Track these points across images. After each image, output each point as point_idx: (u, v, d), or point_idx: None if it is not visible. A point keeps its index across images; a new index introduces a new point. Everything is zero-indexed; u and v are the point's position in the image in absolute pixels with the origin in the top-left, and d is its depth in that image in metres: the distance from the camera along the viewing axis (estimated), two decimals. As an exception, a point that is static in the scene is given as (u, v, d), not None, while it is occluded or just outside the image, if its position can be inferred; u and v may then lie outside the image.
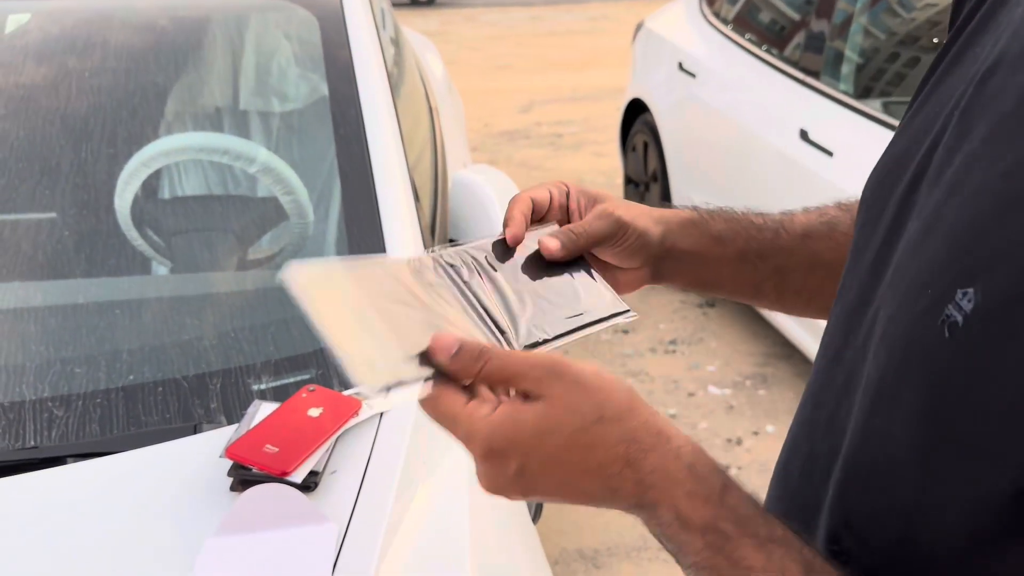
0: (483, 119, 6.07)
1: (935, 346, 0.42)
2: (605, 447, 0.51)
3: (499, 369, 0.52)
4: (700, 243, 0.72)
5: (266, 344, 1.23)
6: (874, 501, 0.47)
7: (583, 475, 0.51)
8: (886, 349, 0.47)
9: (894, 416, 0.45)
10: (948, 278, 0.42)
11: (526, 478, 0.52)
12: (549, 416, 0.51)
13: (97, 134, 1.64)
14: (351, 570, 0.90)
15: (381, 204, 1.45)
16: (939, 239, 0.44)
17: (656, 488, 0.50)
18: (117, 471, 1.03)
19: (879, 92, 2.69)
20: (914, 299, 0.45)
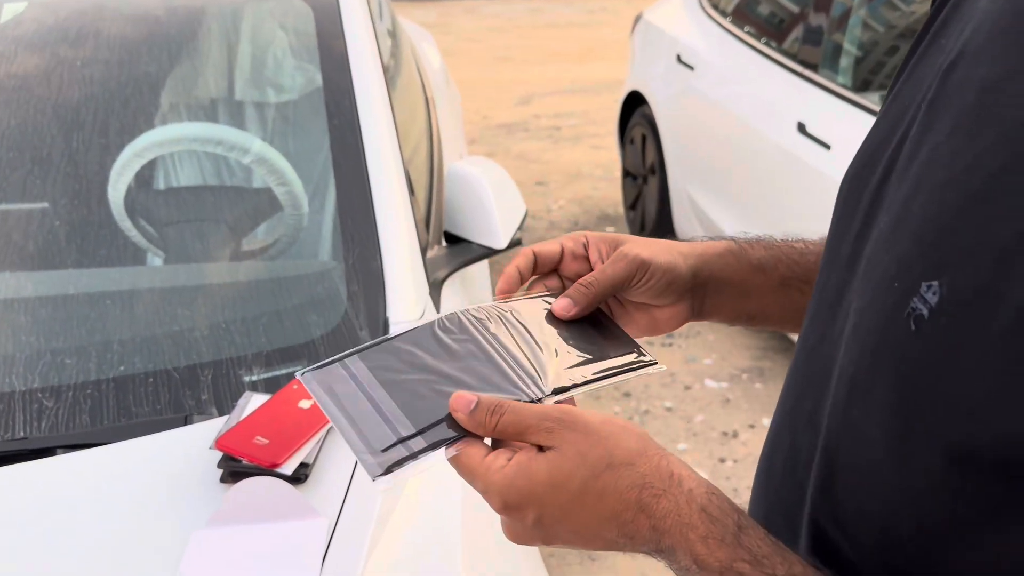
0: (482, 111, 6.05)
1: (903, 340, 0.42)
2: (617, 493, 0.51)
3: (513, 423, 0.53)
4: (739, 273, 0.70)
5: (258, 336, 1.23)
6: (855, 494, 0.47)
7: (599, 523, 0.52)
8: (858, 343, 0.47)
9: (869, 409, 0.45)
10: (915, 272, 0.43)
11: (544, 528, 0.53)
12: (560, 467, 0.52)
13: (90, 124, 1.64)
14: (340, 563, 0.90)
15: (375, 196, 1.44)
16: (906, 234, 0.45)
17: (670, 533, 0.50)
18: (107, 462, 1.02)
19: (877, 85, 2.69)
20: (883, 293, 0.45)
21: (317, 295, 1.33)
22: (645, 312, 0.70)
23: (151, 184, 1.80)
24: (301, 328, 1.25)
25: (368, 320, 1.26)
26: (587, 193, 4.68)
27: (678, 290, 0.69)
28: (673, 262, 0.68)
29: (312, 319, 1.27)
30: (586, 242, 0.70)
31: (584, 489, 0.51)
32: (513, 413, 0.54)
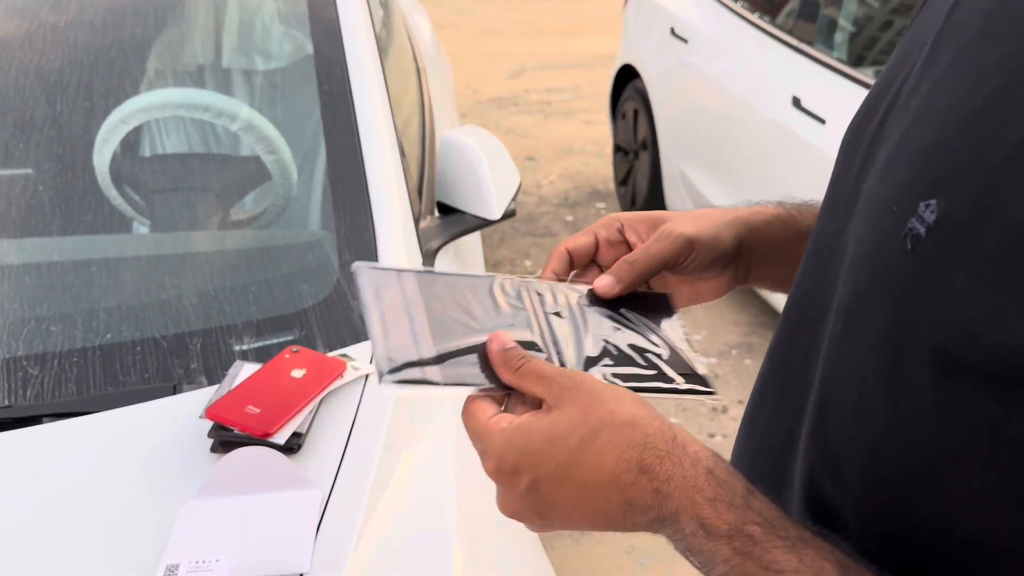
0: (472, 85, 5.99)
1: (898, 261, 0.42)
2: (617, 452, 0.49)
3: (534, 369, 0.53)
4: (787, 241, 0.68)
5: (248, 304, 1.21)
6: (846, 431, 0.46)
7: (597, 488, 0.49)
8: (854, 272, 0.46)
9: (862, 337, 0.44)
10: (912, 194, 0.42)
11: (538, 495, 0.50)
12: (559, 423, 0.50)
13: (75, 89, 1.60)
14: (334, 534, 0.88)
15: (367, 164, 1.41)
16: (904, 161, 0.45)
17: (674, 497, 0.48)
18: (94, 431, 1.00)
19: (872, 60, 2.67)
20: (880, 220, 0.45)
21: (308, 264, 1.31)
22: (688, 283, 0.68)
23: (137, 151, 1.77)
24: (292, 297, 1.23)
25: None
26: (578, 168, 4.65)
27: (723, 262, 0.67)
28: (718, 235, 0.66)
29: (303, 288, 1.24)
30: (621, 226, 0.67)
31: (582, 448, 0.49)
32: (538, 363, 0.54)
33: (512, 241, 3.85)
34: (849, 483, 0.46)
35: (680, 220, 0.67)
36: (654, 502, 0.48)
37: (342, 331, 1.17)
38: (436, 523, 0.97)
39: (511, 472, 0.51)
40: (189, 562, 0.84)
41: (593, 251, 0.67)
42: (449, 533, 0.96)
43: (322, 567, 0.84)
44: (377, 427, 1.01)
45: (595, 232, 0.67)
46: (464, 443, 1.12)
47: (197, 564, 0.84)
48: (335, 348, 1.14)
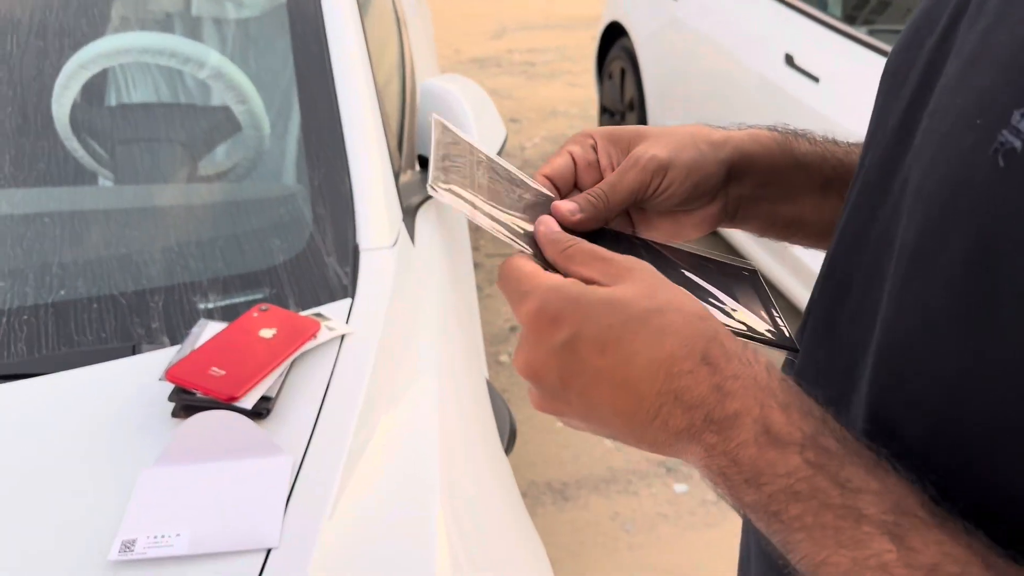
0: (453, 44, 5.86)
1: (986, 181, 0.36)
2: (681, 338, 0.42)
3: (587, 250, 0.48)
4: (783, 169, 0.60)
5: (215, 260, 1.13)
6: (913, 390, 0.40)
7: (644, 368, 0.42)
8: (923, 204, 0.40)
9: (935, 280, 0.38)
10: (1001, 103, 0.36)
11: (572, 356, 0.44)
12: (623, 292, 0.44)
13: (32, 32, 1.49)
14: (307, 504, 0.81)
15: (343, 114, 1.33)
16: (987, 69, 0.38)
17: (739, 396, 0.41)
18: (46, 394, 0.92)
19: (865, 19, 2.59)
20: (958, 137, 0.38)
21: (280, 219, 1.23)
22: (669, 217, 0.59)
23: (101, 100, 1.67)
24: (262, 253, 1.15)
25: (336, 246, 1.16)
26: (562, 131, 4.55)
27: (709, 190, 0.58)
28: (699, 159, 0.57)
29: (274, 244, 1.16)
30: (594, 143, 0.58)
31: (643, 318, 0.43)
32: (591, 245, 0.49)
33: (495, 204, 3.76)
34: (912, 449, 0.40)
35: (654, 140, 0.57)
36: (710, 398, 0.41)
37: (316, 289, 1.10)
38: (417, 492, 0.90)
39: (552, 319, 0.44)
40: (147, 537, 0.77)
41: (572, 173, 0.58)
42: (431, 502, 0.89)
43: (293, 541, 0.78)
44: (354, 391, 0.94)
45: (569, 151, 0.58)
46: (446, 406, 1.05)
47: (155, 539, 0.77)
48: (308, 307, 1.07)
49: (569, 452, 2.36)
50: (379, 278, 1.13)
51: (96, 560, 0.76)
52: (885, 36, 2.42)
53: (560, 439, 2.41)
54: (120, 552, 0.76)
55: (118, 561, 0.76)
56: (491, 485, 1.06)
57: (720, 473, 0.42)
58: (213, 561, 0.76)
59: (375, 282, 1.12)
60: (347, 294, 1.10)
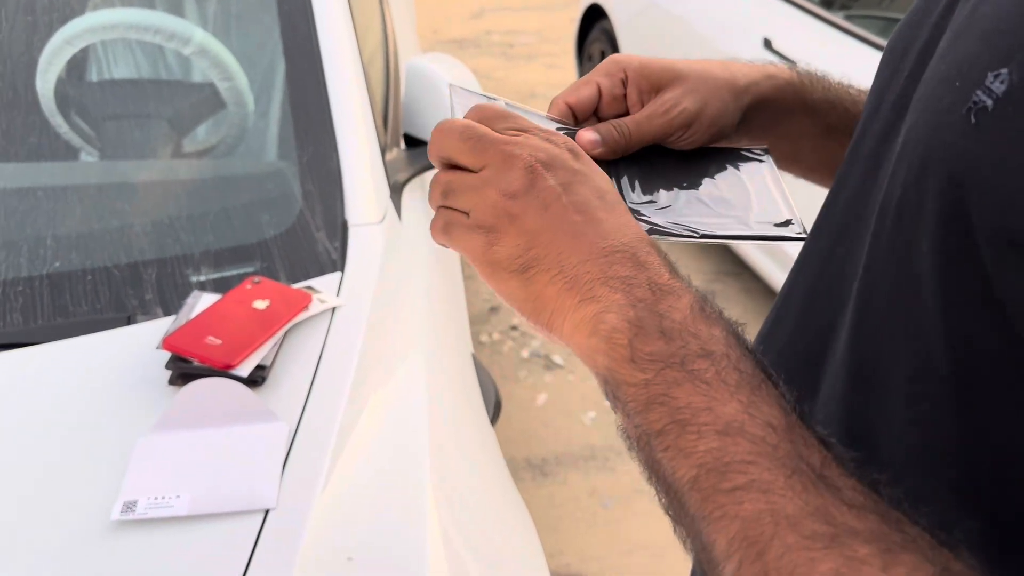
0: (432, 25, 5.84)
1: (959, 137, 0.38)
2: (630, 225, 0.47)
3: None
4: (792, 113, 0.63)
5: (205, 234, 1.14)
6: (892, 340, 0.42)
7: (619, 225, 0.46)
8: (906, 161, 0.42)
9: (914, 234, 0.40)
10: (979, 66, 0.38)
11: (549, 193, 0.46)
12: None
13: (15, 6, 1.49)
14: (302, 470, 0.84)
15: (331, 91, 1.34)
16: (970, 38, 0.40)
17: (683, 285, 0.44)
18: (42, 362, 0.94)
19: (841, 3, 2.63)
20: (937, 100, 0.40)
21: (269, 194, 1.25)
22: None
23: (84, 76, 1.67)
24: (252, 228, 1.17)
25: (325, 221, 1.18)
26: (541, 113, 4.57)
27: (723, 134, 0.61)
28: (723, 108, 0.60)
29: (264, 219, 1.18)
30: (625, 77, 0.59)
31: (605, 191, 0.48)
32: None
33: (474, 185, 3.78)
34: (889, 395, 0.43)
35: (688, 88, 0.59)
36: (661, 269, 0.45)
37: (306, 263, 1.12)
38: (407, 458, 0.93)
39: (548, 165, 0.48)
40: (148, 498, 0.80)
41: (595, 104, 0.60)
42: (421, 468, 0.92)
43: (289, 503, 0.80)
44: (345, 362, 0.97)
45: (597, 82, 0.60)
46: (434, 376, 1.08)
47: (156, 500, 0.79)
48: (298, 280, 1.09)
49: (549, 429, 2.40)
50: (367, 253, 1.15)
51: (99, 520, 0.78)
52: (861, 21, 2.46)
53: (540, 416, 2.45)
54: (122, 512, 0.78)
55: (120, 521, 0.78)
56: (478, 453, 1.09)
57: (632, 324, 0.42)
58: (212, 521, 0.79)
59: (364, 257, 1.14)
60: (336, 268, 1.12)
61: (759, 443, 0.38)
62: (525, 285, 0.46)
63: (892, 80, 0.49)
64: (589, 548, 2.05)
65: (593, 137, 0.57)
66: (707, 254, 3.24)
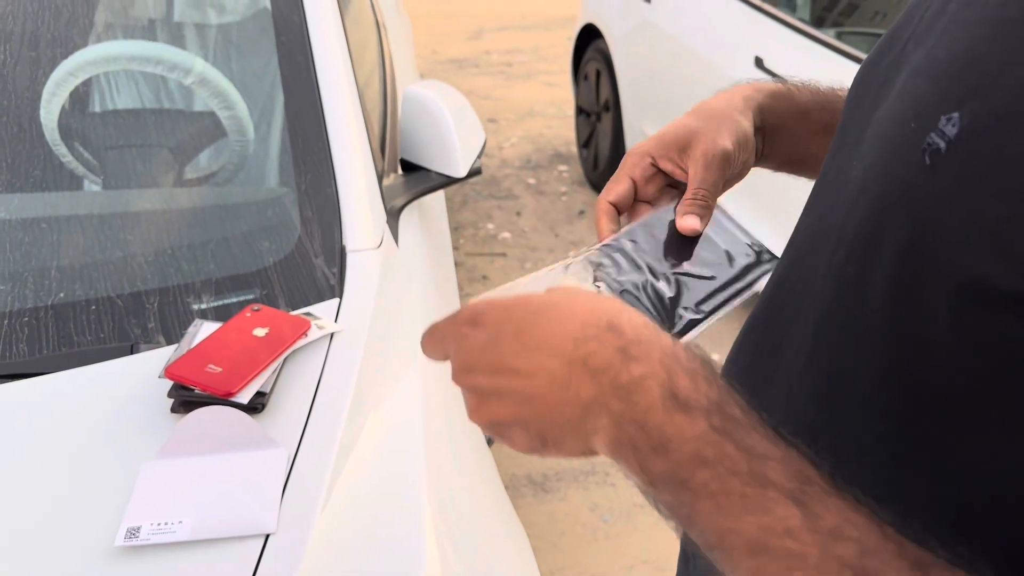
0: (430, 45, 5.90)
1: (915, 178, 0.40)
2: (586, 309, 0.46)
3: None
4: (790, 116, 0.69)
5: (207, 263, 1.17)
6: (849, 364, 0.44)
7: (554, 339, 0.45)
8: (863, 196, 0.44)
9: (871, 260, 0.42)
10: (932, 109, 0.40)
11: (495, 348, 0.47)
12: (538, 295, 0.48)
13: (19, 40, 1.52)
14: (302, 494, 0.86)
15: (328, 119, 1.37)
16: (924, 79, 0.43)
17: (643, 361, 0.43)
18: (48, 392, 0.96)
19: (833, 21, 2.67)
20: (893, 138, 0.43)
21: (268, 221, 1.27)
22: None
23: (85, 106, 1.70)
24: (252, 255, 1.19)
25: (323, 247, 1.20)
26: (539, 131, 4.61)
27: (753, 154, 0.68)
28: (746, 133, 0.66)
29: (264, 246, 1.21)
30: (653, 160, 0.67)
31: (555, 303, 0.47)
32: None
33: (474, 203, 3.81)
34: (845, 415, 0.45)
35: (707, 137, 0.65)
36: (615, 361, 0.43)
37: (305, 289, 1.14)
38: (405, 482, 0.95)
39: (473, 320, 0.48)
40: (151, 524, 0.82)
41: (633, 194, 0.67)
42: (419, 492, 0.94)
43: (290, 527, 0.82)
44: (343, 386, 0.99)
45: (629, 175, 0.67)
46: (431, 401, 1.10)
47: (159, 526, 0.81)
48: (298, 307, 1.12)
49: (549, 446, 2.41)
50: (365, 278, 1.18)
51: (103, 546, 0.80)
52: (852, 39, 2.49)
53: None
54: (126, 538, 0.80)
55: (124, 547, 0.80)
56: (475, 475, 1.11)
57: (630, 444, 0.42)
58: (214, 546, 0.81)
59: (361, 282, 1.17)
60: (335, 294, 1.14)
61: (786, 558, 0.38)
62: (562, 452, 0.48)
63: (855, 116, 0.52)
64: (591, 563, 2.07)
65: (693, 221, 0.64)
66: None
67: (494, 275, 3.27)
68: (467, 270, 3.25)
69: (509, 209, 3.77)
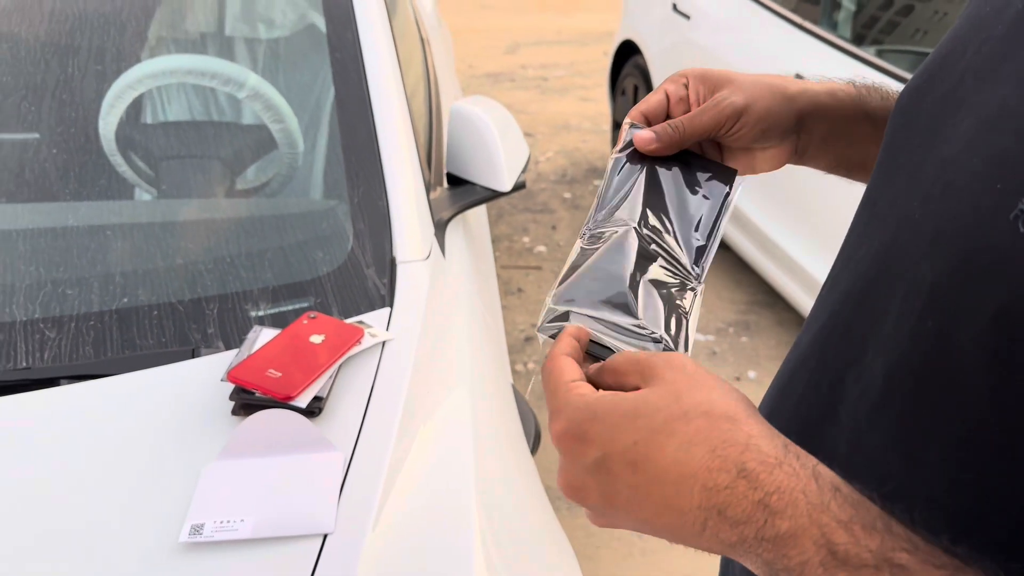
0: (467, 60, 5.96)
1: (1008, 244, 0.39)
2: (710, 446, 0.41)
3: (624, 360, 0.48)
4: (852, 119, 0.68)
5: (263, 271, 1.21)
6: (931, 415, 0.44)
7: (677, 482, 0.41)
8: (943, 251, 0.43)
9: (955, 322, 0.42)
10: (1021, 172, 0.40)
11: (606, 474, 0.44)
12: (648, 400, 0.44)
13: (82, 54, 1.58)
14: (358, 496, 0.89)
15: (380, 134, 1.41)
16: (1007, 133, 0.42)
17: (788, 515, 0.39)
18: (113, 393, 1.00)
19: (873, 39, 2.67)
20: (978, 196, 0.42)
21: (323, 232, 1.31)
22: (745, 153, 0.69)
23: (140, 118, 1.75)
24: (307, 265, 1.23)
25: (375, 259, 1.24)
26: (575, 145, 4.64)
27: (778, 135, 0.67)
28: (772, 107, 0.66)
29: (318, 256, 1.24)
30: (687, 82, 0.67)
31: (668, 430, 0.42)
32: (626, 354, 0.48)
33: (510, 217, 3.84)
34: (921, 462, 0.44)
35: (737, 87, 0.66)
36: (757, 516, 0.40)
37: (357, 298, 1.18)
38: (455, 487, 0.98)
39: (579, 438, 0.44)
40: (214, 521, 0.85)
41: (665, 108, 0.67)
42: (467, 497, 0.97)
43: (346, 527, 0.85)
44: (396, 393, 1.02)
45: (664, 89, 0.68)
46: (478, 408, 1.13)
47: (222, 524, 0.84)
48: (350, 315, 1.15)
49: (584, 459, 2.42)
50: (415, 289, 1.21)
51: (168, 542, 0.83)
52: (892, 56, 2.49)
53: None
54: (190, 535, 0.83)
55: (188, 543, 0.83)
56: (520, 482, 1.13)
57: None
58: (274, 544, 0.83)
59: (411, 293, 1.20)
60: (386, 304, 1.18)
61: None
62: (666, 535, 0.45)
63: (903, 143, 0.52)
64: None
65: (648, 135, 0.64)
66: (740, 285, 3.26)
67: (529, 288, 3.29)
68: (503, 283, 3.27)
69: (544, 223, 3.79)
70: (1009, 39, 0.46)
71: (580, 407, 0.45)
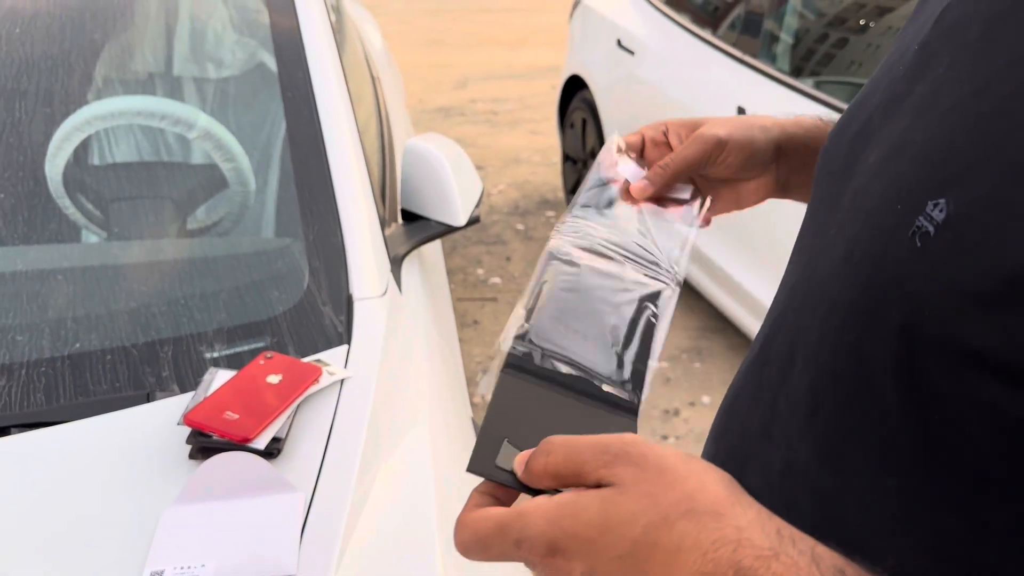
0: (418, 94, 6.00)
1: (908, 257, 0.42)
2: (700, 550, 0.39)
3: (566, 458, 0.43)
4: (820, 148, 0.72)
5: (218, 312, 1.20)
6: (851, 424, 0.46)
7: None
8: (853, 269, 0.47)
9: (870, 332, 0.45)
10: (918, 193, 0.43)
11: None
12: (619, 504, 0.40)
13: (30, 97, 1.57)
14: (319, 537, 0.88)
15: (333, 171, 1.42)
16: (906, 159, 0.46)
17: None
18: (67, 441, 0.98)
19: (811, 71, 2.76)
20: (881, 217, 0.46)
21: (278, 271, 1.31)
22: (730, 188, 0.73)
23: (87, 160, 1.74)
24: (263, 304, 1.23)
25: (331, 296, 1.24)
26: (526, 178, 4.69)
27: (760, 163, 0.72)
28: (751, 136, 0.70)
29: (273, 295, 1.24)
30: (666, 129, 0.73)
31: (651, 540, 0.39)
32: (565, 447, 0.43)
33: (463, 250, 3.86)
34: (850, 474, 0.46)
35: (714, 123, 0.71)
36: None
37: (314, 336, 1.18)
38: (417, 524, 0.98)
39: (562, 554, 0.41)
40: (174, 567, 0.83)
41: (641, 148, 0.73)
42: (430, 533, 0.97)
43: (309, 569, 0.84)
44: (356, 431, 1.02)
45: (642, 132, 0.73)
46: (438, 443, 1.13)
47: (183, 569, 0.83)
48: (308, 354, 1.15)
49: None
50: (372, 325, 1.21)
51: (127, 592, 0.82)
52: (830, 88, 2.58)
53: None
54: (150, 583, 0.82)
55: (148, 592, 0.82)
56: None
57: None
58: (236, 589, 0.82)
59: (368, 329, 1.20)
60: (343, 341, 1.18)
61: None
62: None
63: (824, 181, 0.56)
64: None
65: (642, 183, 0.69)
66: (693, 311, 3.31)
67: (485, 320, 3.30)
68: (459, 315, 3.28)
69: (498, 254, 3.82)
70: (908, 78, 0.50)
71: (545, 523, 0.41)
